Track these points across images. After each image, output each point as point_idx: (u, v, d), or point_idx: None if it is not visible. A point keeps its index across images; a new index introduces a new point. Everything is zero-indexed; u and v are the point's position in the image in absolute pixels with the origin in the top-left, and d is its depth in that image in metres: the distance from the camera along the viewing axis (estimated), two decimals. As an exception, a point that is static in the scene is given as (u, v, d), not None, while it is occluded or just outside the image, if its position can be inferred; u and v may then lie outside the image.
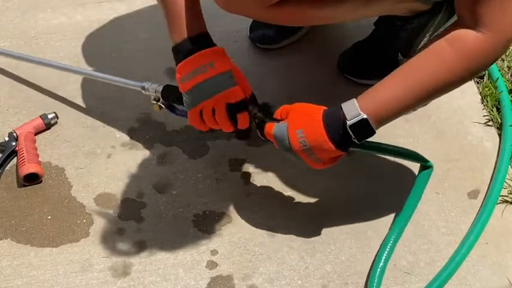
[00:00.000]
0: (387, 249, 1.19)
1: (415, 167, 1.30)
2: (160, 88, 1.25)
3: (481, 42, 0.98)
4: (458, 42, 1.00)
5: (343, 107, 1.04)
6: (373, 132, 1.04)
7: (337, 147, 1.05)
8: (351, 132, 1.03)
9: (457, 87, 1.07)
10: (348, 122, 1.03)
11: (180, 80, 1.14)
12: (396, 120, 1.39)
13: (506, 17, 0.97)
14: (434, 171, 1.26)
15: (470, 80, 1.11)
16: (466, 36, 0.99)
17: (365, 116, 1.02)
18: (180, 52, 1.13)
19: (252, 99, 1.18)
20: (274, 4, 1.17)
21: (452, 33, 1.01)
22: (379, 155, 1.27)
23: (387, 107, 1.04)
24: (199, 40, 1.12)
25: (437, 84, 1.02)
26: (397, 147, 1.22)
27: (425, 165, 1.24)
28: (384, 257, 1.19)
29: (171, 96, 1.25)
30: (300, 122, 1.07)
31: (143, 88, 1.27)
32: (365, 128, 1.03)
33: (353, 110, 1.03)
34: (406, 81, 1.03)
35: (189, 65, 1.12)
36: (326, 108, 1.08)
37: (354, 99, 1.05)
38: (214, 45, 1.14)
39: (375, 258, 1.20)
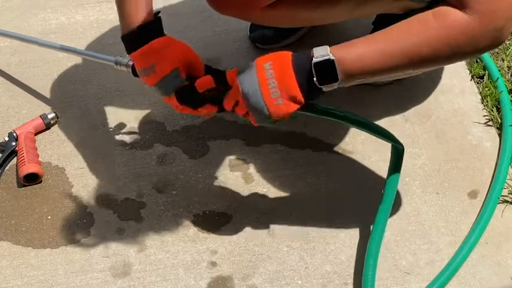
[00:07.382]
0: (374, 245, 1.18)
1: (414, 167, 1.30)
2: (131, 63, 1.24)
3: (466, 22, 0.96)
4: (443, 16, 0.98)
5: (314, 49, 1.03)
6: (336, 79, 1.01)
7: (299, 84, 1.03)
8: (314, 72, 1.01)
9: (433, 65, 1.05)
10: (313, 60, 1.01)
11: (138, 73, 1.14)
12: (396, 120, 1.40)
13: (496, 2, 0.94)
14: (434, 171, 1.26)
15: (451, 62, 1.07)
16: (452, 13, 0.97)
17: (332, 58, 1.00)
18: (126, 45, 1.12)
19: (209, 73, 1.15)
20: (267, 6, 1.17)
21: (441, 7, 0.99)
22: (349, 126, 1.21)
23: (356, 60, 1.01)
24: (141, 32, 1.10)
25: (411, 53, 1.00)
26: (365, 119, 1.18)
27: (396, 146, 1.22)
28: (372, 254, 1.17)
29: None
30: (269, 57, 1.06)
31: (116, 63, 1.26)
32: (329, 70, 1.01)
33: (323, 51, 1.02)
34: (381, 42, 1.02)
35: (136, 62, 1.13)
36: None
37: (327, 46, 1.04)
38: (160, 34, 1.11)
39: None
